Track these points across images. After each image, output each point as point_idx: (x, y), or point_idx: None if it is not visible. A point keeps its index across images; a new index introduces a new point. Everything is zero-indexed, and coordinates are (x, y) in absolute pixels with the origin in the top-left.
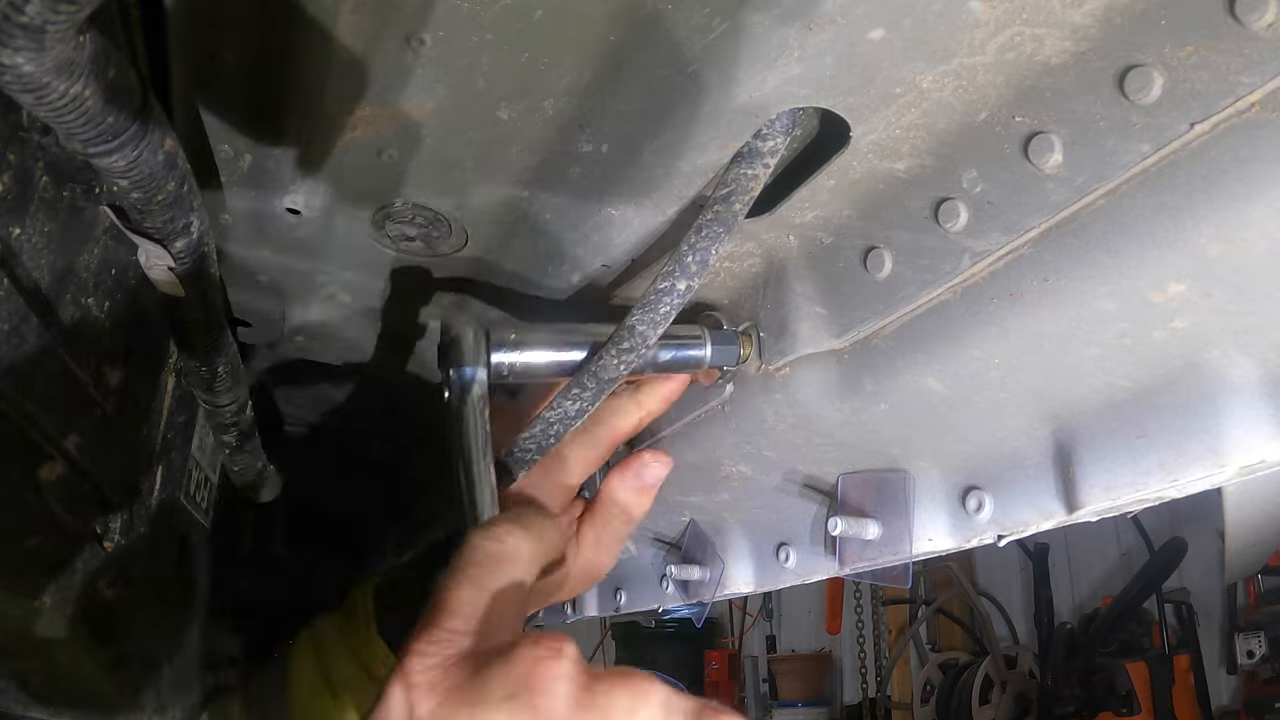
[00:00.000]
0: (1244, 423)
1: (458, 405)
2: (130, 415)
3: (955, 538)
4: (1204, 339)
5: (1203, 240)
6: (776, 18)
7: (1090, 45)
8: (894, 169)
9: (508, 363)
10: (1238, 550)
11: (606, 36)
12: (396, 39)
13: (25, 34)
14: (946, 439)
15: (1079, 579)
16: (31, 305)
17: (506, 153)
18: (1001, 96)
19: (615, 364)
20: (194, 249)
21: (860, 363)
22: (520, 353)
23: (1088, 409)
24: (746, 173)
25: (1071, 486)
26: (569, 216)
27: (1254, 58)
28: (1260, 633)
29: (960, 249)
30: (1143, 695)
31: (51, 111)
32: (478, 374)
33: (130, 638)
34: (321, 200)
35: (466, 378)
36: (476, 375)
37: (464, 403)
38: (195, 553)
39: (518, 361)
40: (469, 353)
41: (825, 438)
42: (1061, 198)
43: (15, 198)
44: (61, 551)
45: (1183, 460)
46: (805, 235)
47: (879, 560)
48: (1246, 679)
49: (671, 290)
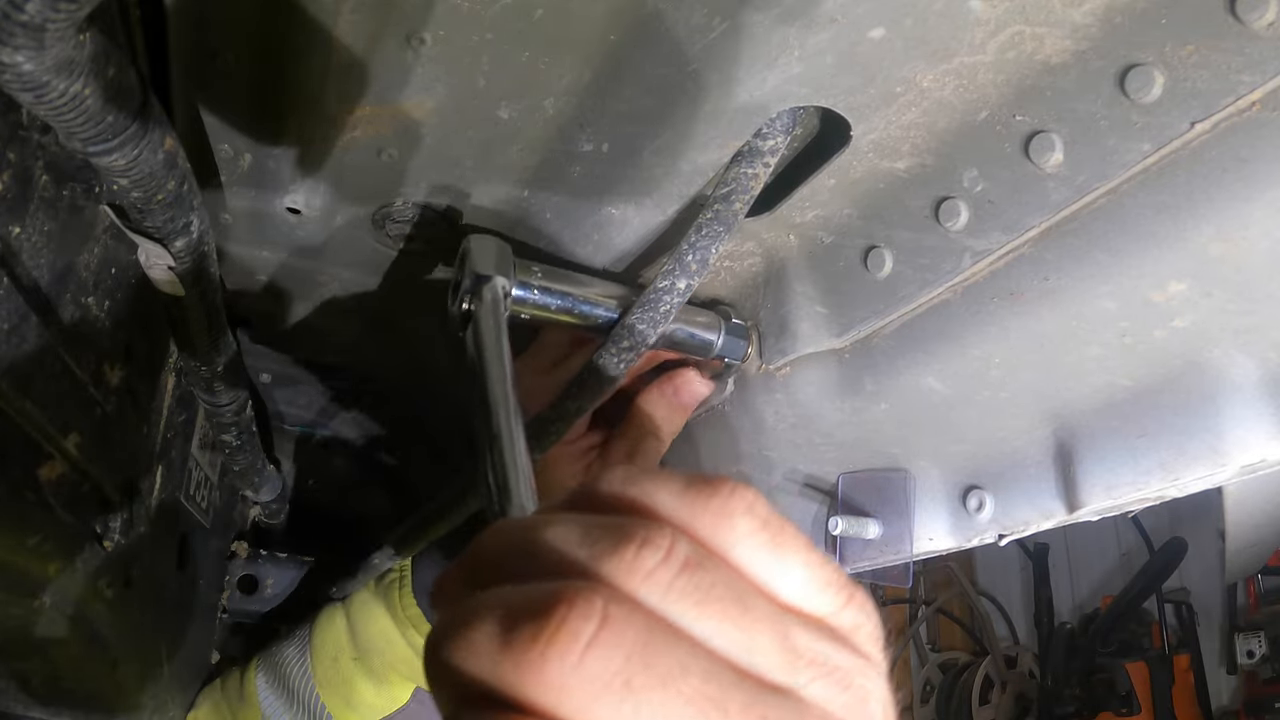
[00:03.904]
0: (1244, 422)
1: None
2: (130, 415)
3: (956, 537)
4: (1205, 338)
5: (1203, 239)
6: (777, 17)
7: (1091, 44)
8: (895, 168)
9: (530, 297)
10: (1238, 550)
11: (607, 36)
12: (396, 39)
13: (25, 32)
14: (947, 438)
15: (1079, 579)
16: (31, 305)
17: (506, 152)
18: (1002, 95)
19: (615, 363)
20: (194, 248)
21: (861, 362)
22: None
23: (1088, 408)
24: (747, 172)
25: (1072, 486)
26: (569, 216)
27: (1255, 57)
28: (1260, 633)
29: (961, 248)
30: (1143, 695)
31: (51, 110)
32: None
33: (130, 638)
34: (321, 200)
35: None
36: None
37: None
38: (195, 553)
39: (539, 297)
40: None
41: (825, 437)
42: (1062, 197)
43: (15, 197)
44: (61, 551)
45: (1183, 459)
46: (806, 234)
47: (879, 560)
48: (1246, 679)
49: (672, 289)
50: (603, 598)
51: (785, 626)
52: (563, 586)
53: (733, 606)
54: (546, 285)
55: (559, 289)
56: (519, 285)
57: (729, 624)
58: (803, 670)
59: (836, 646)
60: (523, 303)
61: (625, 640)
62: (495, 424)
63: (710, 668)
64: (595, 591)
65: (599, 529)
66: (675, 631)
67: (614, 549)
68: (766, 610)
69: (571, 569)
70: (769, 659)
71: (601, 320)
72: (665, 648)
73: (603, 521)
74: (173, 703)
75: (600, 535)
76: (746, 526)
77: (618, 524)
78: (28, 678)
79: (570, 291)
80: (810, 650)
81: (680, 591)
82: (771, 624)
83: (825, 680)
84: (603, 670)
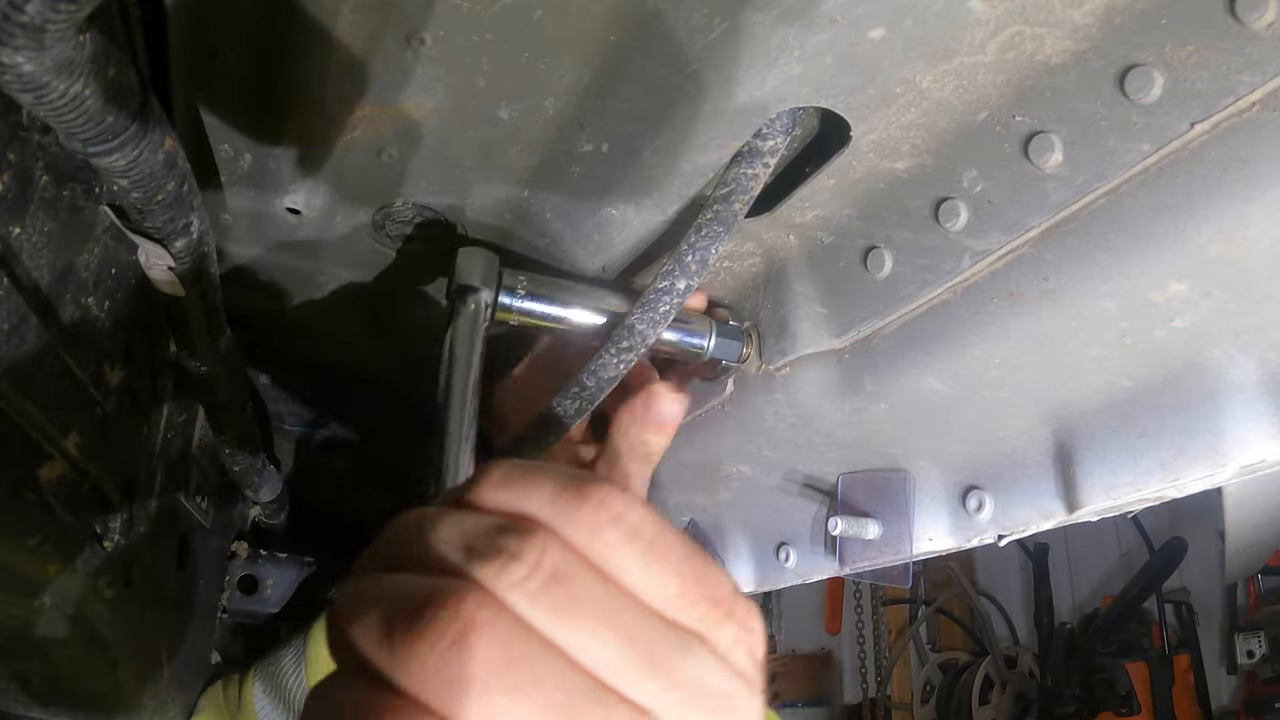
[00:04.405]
0: (1244, 422)
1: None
2: (130, 415)
3: (955, 537)
4: (1204, 338)
5: (1203, 240)
6: (777, 17)
7: (1091, 45)
8: (894, 168)
9: (516, 304)
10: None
11: (606, 36)
12: (396, 39)
13: (25, 33)
14: (947, 438)
15: (1079, 579)
16: (31, 305)
17: (506, 153)
18: (1002, 96)
19: (615, 363)
20: (194, 249)
21: (860, 362)
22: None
23: (1088, 408)
24: (747, 172)
25: (1072, 486)
26: (569, 216)
27: (1254, 57)
28: (1260, 633)
29: (960, 248)
30: (1143, 695)
31: (51, 111)
32: (483, 295)
33: (130, 638)
34: (321, 200)
35: (475, 299)
36: (482, 296)
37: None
38: (195, 553)
39: (525, 304)
40: (479, 272)
41: (825, 437)
42: (1062, 197)
43: (15, 197)
44: (61, 551)
45: (1183, 460)
46: (805, 235)
47: (879, 560)
48: (1246, 679)
49: (671, 289)
50: (471, 602)
51: (650, 642)
52: (438, 586)
53: (595, 620)
54: (533, 292)
55: (545, 295)
56: (505, 293)
57: (590, 636)
58: (666, 690)
59: (707, 666)
60: (509, 310)
61: (486, 644)
62: (448, 421)
63: (566, 679)
64: (465, 595)
65: (476, 533)
66: (538, 639)
67: (486, 556)
68: (633, 625)
69: (452, 570)
70: (629, 675)
71: (590, 325)
72: (525, 655)
73: (483, 526)
74: (173, 703)
75: (476, 539)
76: (615, 537)
77: (494, 529)
78: (28, 678)
79: (556, 297)
80: (677, 669)
81: (546, 602)
82: (635, 638)
83: (689, 703)
84: (461, 670)
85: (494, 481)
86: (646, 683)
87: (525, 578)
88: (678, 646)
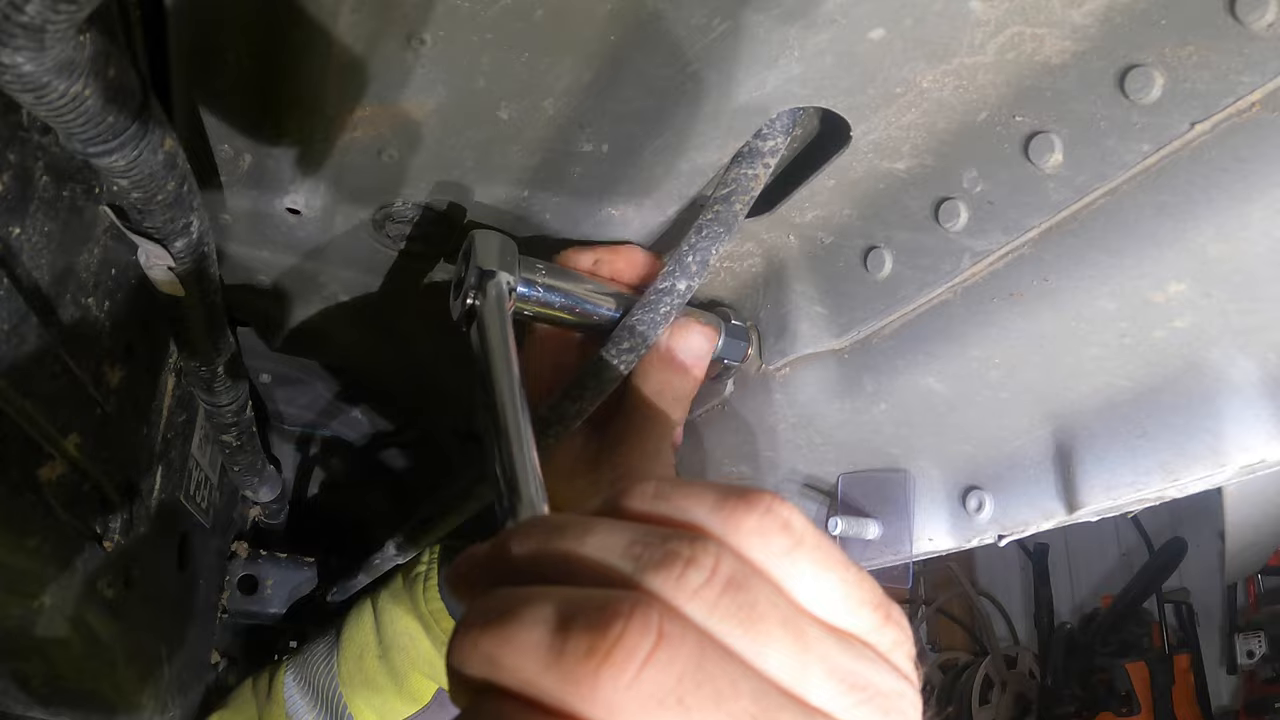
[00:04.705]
0: (1244, 422)
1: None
2: (130, 415)
3: (955, 537)
4: (1204, 339)
5: (1203, 240)
6: (777, 17)
7: (1090, 45)
8: (894, 168)
9: (533, 294)
10: (1238, 550)
11: (606, 36)
12: (396, 39)
13: (25, 33)
14: (947, 439)
15: (1079, 579)
16: (31, 305)
17: (506, 152)
18: (1002, 96)
19: (615, 364)
20: (194, 249)
21: (860, 362)
22: (546, 285)
23: (1088, 409)
24: (747, 172)
25: (1072, 486)
26: (569, 216)
27: (1254, 57)
28: (1260, 633)
29: (960, 249)
30: (1143, 695)
31: (51, 111)
32: (503, 279)
33: (130, 638)
34: (321, 200)
35: (496, 285)
36: (503, 280)
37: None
38: (195, 553)
39: (542, 294)
40: (496, 256)
41: (825, 438)
42: (1062, 197)
43: (15, 197)
44: (61, 551)
45: (1183, 459)
46: (805, 235)
47: (879, 560)
48: (1246, 679)
49: (672, 290)
50: (658, 613)
51: (829, 648)
52: (617, 598)
53: (778, 627)
54: (550, 283)
55: (562, 287)
56: (523, 282)
57: (774, 645)
58: (846, 693)
59: (877, 668)
60: (526, 300)
61: (680, 657)
62: (503, 422)
63: (759, 688)
64: (651, 606)
65: (642, 541)
66: (724, 650)
67: (661, 563)
68: (810, 631)
69: (616, 580)
70: (814, 681)
71: (602, 320)
72: (717, 666)
73: (646, 533)
74: (173, 703)
75: (644, 548)
76: (783, 544)
77: (662, 537)
78: (28, 678)
79: (573, 290)
80: (854, 673)
81: (726, 610)
82: (816, 645)
83: (869, 705)
84: (657, 688)
85: (649, 492)
86: (831, 689)
87: (704, 584)
88: (850, 651)
